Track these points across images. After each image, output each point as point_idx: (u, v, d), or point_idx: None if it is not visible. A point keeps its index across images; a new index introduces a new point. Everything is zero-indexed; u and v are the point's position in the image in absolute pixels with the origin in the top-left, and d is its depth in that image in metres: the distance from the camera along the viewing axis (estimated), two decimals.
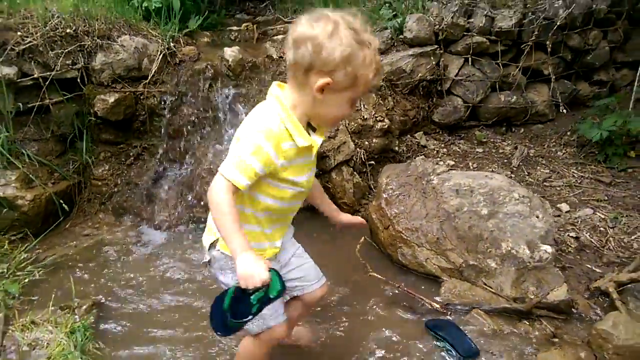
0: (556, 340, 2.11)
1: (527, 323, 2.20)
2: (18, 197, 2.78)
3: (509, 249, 2.43)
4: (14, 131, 2.96)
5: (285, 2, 5.00)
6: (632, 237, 2.83)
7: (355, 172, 3.29)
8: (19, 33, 2.94)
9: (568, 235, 2.84)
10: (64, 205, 2.96)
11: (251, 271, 1.32)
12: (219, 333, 1.54)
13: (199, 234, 3.01)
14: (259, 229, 1.61)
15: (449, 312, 2.27)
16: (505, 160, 3.67)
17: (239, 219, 1.41)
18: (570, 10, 3.74)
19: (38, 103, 3.04)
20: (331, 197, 3.18)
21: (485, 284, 2.39)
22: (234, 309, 1.40)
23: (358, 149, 3.40)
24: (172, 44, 3.44)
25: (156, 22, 3.59)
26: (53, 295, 2.23)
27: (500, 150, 3.79)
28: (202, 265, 1.78)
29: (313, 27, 1.39)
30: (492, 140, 3.90)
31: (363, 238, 2.83)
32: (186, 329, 2.21)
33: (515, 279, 2.36)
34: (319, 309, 2.35)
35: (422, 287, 2.48)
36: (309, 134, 1.52)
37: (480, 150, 3.77)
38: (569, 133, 3.85)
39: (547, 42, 3.69)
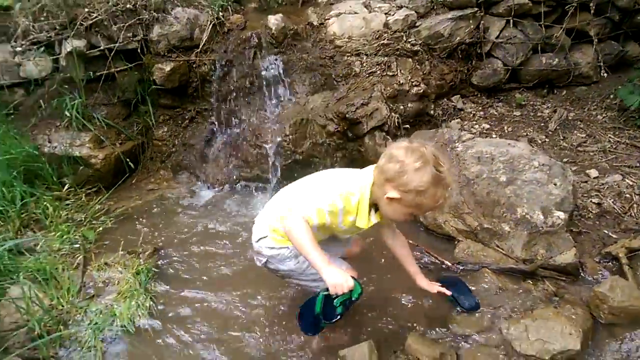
0: (556, 299, 2.30)
1: (531, 282, 2.40)
2: (92, 156, 3.24)
3: (524, 214, 2.60)
4: (85, 97, 3.38)
5: None
6: None
7: (388, 137, 3.49)
8: (86, 9, 3.30)
9: (591, 201, 2.94)
10: (130, 163, 3.40)
11: (340, 280, 1.69)
12: (309, 333, 1.94)
13: (244, 191, 3.40)
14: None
15: (459, 270, 2.51)
16: (542, 124, 3.72)
17: (315, 240, 1.76)
18: None
19: (105, 72, 3.42)
20: (363, 161, 3.44)
21: (497, 246, 2.60)
22: (324, 312, 1.78)
23: (393, 113, 3.57)
24: (220, 14, 3.69)
25: None
26: (122, 242, 2.69)
27: (539, 114, 3.83)
28: (259, 265, 2.11)
29: (407, 155, 1.74)
30: (531, 103, 3.93)
31: None
32: (230, 276, 2.59)
33: (526, 242, 2.55)
34: None
35: (440, 247, 2.72)
36: (369, 212, 1.86)
37: (518, 113, 3.83)
38: (611, 96, 3.81)
39: (591, 4, 3.61)
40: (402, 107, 3.63)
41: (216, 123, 3.56)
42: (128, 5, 3.39)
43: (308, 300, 1.81)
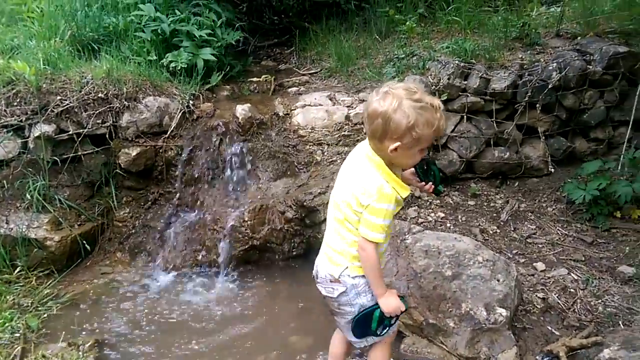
0: None
1: None
2: (47, 239, 3.26)
3: (468, 309, 2.65)
4: (49, 178, 3.46)
5: (306, 51, 5.39)
6: (599, 300, 2.98)
7: None
8: (58, 97, 3.46)
9: (536, 295, 3.02)
10: (86, 245, 3.42)
11: (396, 306, 2.02)
12: (359, 338, 2.16)
13: (202, 277, 3.41)
14: (381, 250, 2.08)
15: None
16: (495, 214, 3.86)
17: (381, 269, 2.02)
18: (564, 72, 3.93)
19: (72, 154, 3.53)
20: (320, 247, 3.50)
21: (442, 342, 2.62)
22: (378, 327, 2.07)
23: None
24: (191, 102, 3.88)
25: (180, 81, 4.05)
26: (63, 332, 2.66)
27: (492, 204, 3.98)
28: (329, 295, 2.12)
29: (381, 104, 1.81)
30: (485, 193, 4.09)
31: None
32: None
33: (470, 339, 2.58)
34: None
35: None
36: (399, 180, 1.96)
37: (472, 203, 3.97)
38: (560, 189, 4.00)
39: (537, 105, 3.88)
40: None
41: (178, 206, 3.64)
42: (100, 95, 3.56)
43: (363, 317, 2.05)
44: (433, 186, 2.10)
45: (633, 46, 4.05)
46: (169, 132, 3.72)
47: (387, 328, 2.12)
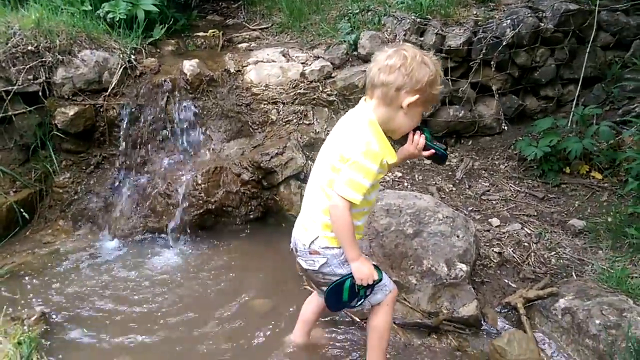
0: (458, 353, 2.35)
1: (435, 337, 2.45)
2: None
3: (429, 266, 2.66)
4: None
5: (255, 5, 5.13)
6: (552, 253, 3.08)
7: (303, 185, 3.48)
8: None
9: (492, 250, 3.07)
10: (24, 213, 3.15)
11: (368, 273, 1.89)
12: (333, 310, 2.12)
13: (153, 244, 3.24)
14: (359, 222, 1.98)
15: (364, 323, 2.50)
16: (450, 173, 3.88)
17: (354, 231, 1.87)
18: (517, 30, 3.93)
19: (1, 115, 3.19)
20: (278, 209, 3.41)
21: (405, 299, 2.62)
22: (350, 299, 1.96)
23: (310, 161, 3.59)
24: (133, 57, 3.59)
25: (119, 33, 3.73)
26: (5, 306, 2.44)
27: (447, 162, 4.00)
28: (311, 268, 2.01)
29: (401, 58, 1.78)
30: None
31: None
32: (132, 340, 2.42)
33: (432, 295, 2.60)
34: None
35: None
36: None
37: (428, 162, 3.97)
38: (512, 147, 4.07)
39: (492, 62, 3.88)
40: None
41: (124, 170, 3.41)
42: (30, 47, 3.21)
43: (336, 286, 1.94)
44: (434, 151, 1.95)
45: (583, 4, 4.10)
46: (109, 90, 3.43)
47: (362, 299, 1.99)
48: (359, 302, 2.00)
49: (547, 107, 4.29)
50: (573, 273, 2.88)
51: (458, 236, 2.75)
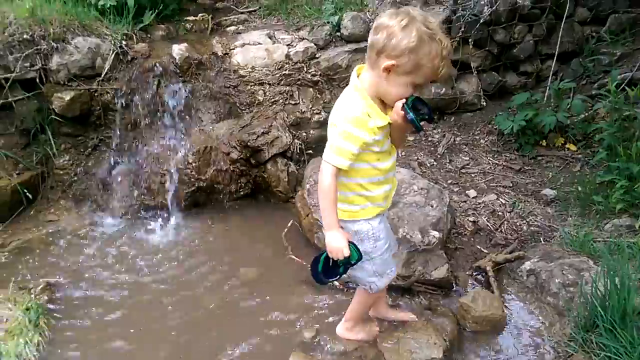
0: (429, 312, 2.56)
1: (408, 297, 2.65)
2: None
3: (405, 234, 2.84)
4: None
5: None
6: (524, 221, 3.28)
7: (290, 163, 3.67)
8: None
9: (468, 219, 3.27)
10: (28, 194, 3.35)
11: (336, 247, 1.79)
12: (318, 282, 2.05)
13: (149, 220, 3.44)
14: (364, 192, 1.95)
15: (347, 289, 2.71)
16: (432, 148, 4.06)
17: (336, 200, 1.83)
18: (495, 7, 4.06)
19: (1, 101, 3.37)
20: (266, 186, 3.61)
21: None
22: (325, 270, 1.91)
23: (296, 140, 3.77)
24: (124, 42, 3.74)
25: (110, 20, 3.87)
26: (13, 278, 2.66)
27: (430, 139, 4.18)
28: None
29: (392, 18, 1.71)
30: (424, 128, 4.27)
31: (291, 223, 3.26)
32: (130, 308, 2.64)
33: (406, 260, 2.79)
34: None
35: None
36: (385, 112, 1.84)
37: (411, 138, 4.15)
38: (492, 122, 4.23)
39: (470, 39, 4.02)
40: (304, 133, 3.84)
41: (119, 151, 3.59)
42: (25, 36, 3.36)
43: (315, 257, 1.93)
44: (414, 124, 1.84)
45: None
46: (103, 75, 3.58)
47: (336, 276, 1.93)
48: (335, 277, 1.94)
49: (527, 83, 4.44)
50: (541, 239, 3.09)
51: (432, 206, 2.93)
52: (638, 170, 2.96)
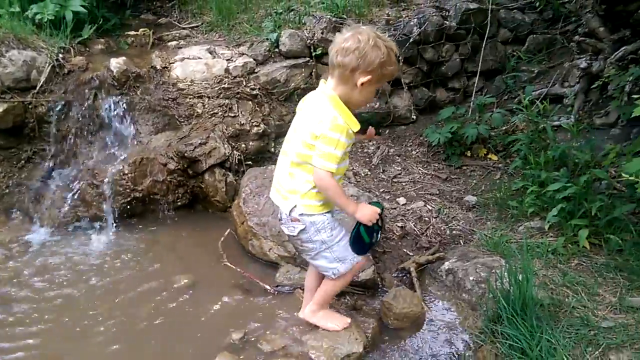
0: (355, 311, 2.69)
1: (336, 298, 2.77)
2: None
3: None
4: None
5: (188, 4, 5.33)
6: (447, 225, 3.49)
7: (229, 173, 3.76)
8: None
9: (396, 225, 3.45)
10: None
11: (371, 212, 2.16)
12: (361, 254, 2.32)
13: (83, 232, 3.43)
14: None
15: (276, 292, 2.82)
16: (367, 159, 4.25)
17: (344, 192, 2.16)
18: (423, 27, 4.33)
19: None
20: (204, 196, 3.68)
21: None
22: (370, 237, 2.24)
23: (235, 151, 3.87)
24: (60, 56, 3.76)
25: (47, 34, 3.88)
26: None
27: (365, 150, 4.38)
28: (291, 234, 2.28)
29: (356, 41, 1.97)
30: (359, 140, 4.47)
31: (228, 231, 3.35)
32: (63, 324, 2.63)
33: None
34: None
35: (266, 272, 3.02)
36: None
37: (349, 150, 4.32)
38: (423, 134, 4.48)
39: (399, 57, 4.27)
40: (243, 145, 3.95)
41: (54, 163, 3.58)
42: None
43: (354, 238, 2.23)
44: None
45: (483, 3, 4.55)
46: (38, 87, 3.59)
47: (379, 232, 2.27)
48: (378, 236, 2.29)
49: (455, 98, 4.73)
50: (462, 241, 3.30)
51: None
52: (546, 177, 3.23)
